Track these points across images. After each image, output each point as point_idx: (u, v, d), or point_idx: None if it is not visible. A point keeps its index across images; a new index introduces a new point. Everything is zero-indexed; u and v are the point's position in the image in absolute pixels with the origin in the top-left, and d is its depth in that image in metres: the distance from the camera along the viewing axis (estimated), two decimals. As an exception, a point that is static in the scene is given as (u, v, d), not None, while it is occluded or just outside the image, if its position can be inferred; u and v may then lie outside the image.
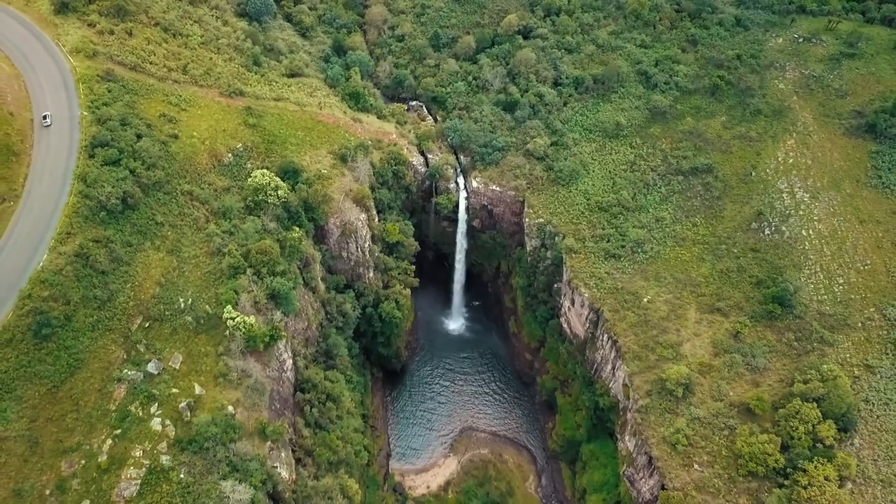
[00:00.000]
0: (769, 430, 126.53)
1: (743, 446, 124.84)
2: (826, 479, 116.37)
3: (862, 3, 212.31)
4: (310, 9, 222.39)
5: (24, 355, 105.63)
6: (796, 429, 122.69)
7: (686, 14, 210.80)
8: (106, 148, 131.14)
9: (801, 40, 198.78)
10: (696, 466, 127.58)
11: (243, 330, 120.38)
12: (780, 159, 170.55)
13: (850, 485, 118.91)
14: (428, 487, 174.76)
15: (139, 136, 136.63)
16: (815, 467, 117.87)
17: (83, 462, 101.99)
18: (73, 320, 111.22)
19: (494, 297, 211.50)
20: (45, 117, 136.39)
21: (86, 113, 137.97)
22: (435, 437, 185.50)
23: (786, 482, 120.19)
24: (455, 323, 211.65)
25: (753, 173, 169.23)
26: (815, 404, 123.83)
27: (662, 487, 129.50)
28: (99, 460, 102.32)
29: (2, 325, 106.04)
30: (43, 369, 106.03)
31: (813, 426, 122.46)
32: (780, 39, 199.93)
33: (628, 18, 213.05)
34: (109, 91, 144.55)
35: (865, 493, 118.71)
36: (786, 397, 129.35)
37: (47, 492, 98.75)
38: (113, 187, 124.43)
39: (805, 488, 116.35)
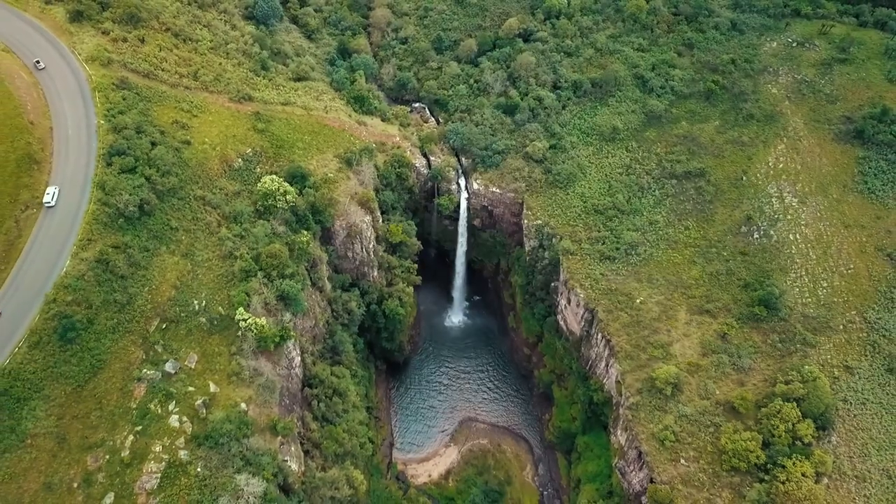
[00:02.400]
0: (752, 427, 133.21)
1: (727, 443, 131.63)
2: (803, 475, 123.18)
3: (856, 6, 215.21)
4: (315, 11, 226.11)
5: (51, 357, 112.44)
6: (777, 427, 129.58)
7: (683, 17, 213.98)
8: (122, 156, 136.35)
9: (794, 45, 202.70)
10: (682, 461, 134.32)
11: (255, 331, 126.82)
12: (770, 164, 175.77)
13: (826, 480, 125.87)
14: (429, 476, 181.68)
15: (153, 144, 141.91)
16: (794, 464, 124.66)
17: (107, 457, 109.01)
18: (95, 323, 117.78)
19: (494, 292, 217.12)
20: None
21: (102, 121, 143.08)
22: (435, 427, 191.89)
23: (766, 477, 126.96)
24: (456, 317, 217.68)
25: (744, 178, 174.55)
26: (795, 404, 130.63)
27: (651, 480, 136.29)
28: (122, 455, 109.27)
29: (30, 328, 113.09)
30: (68, 370, 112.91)
31: (793, 425, 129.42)
32: (775, 44, 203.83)
33: (626, 22, 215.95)
34: (124, 99, 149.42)
35: (840, 487, 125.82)
36: (768, 397, 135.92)
37: (75, 485, 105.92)
38: (130, 194, 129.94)
39: (783, 483, 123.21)
